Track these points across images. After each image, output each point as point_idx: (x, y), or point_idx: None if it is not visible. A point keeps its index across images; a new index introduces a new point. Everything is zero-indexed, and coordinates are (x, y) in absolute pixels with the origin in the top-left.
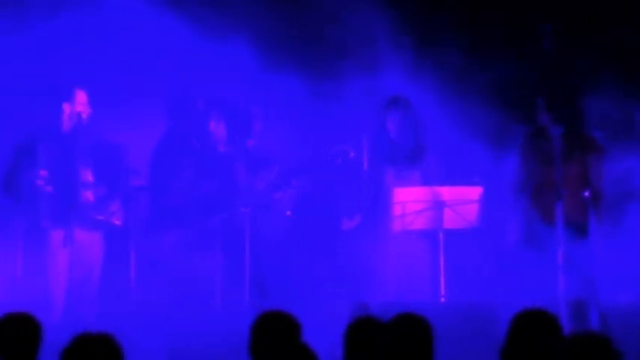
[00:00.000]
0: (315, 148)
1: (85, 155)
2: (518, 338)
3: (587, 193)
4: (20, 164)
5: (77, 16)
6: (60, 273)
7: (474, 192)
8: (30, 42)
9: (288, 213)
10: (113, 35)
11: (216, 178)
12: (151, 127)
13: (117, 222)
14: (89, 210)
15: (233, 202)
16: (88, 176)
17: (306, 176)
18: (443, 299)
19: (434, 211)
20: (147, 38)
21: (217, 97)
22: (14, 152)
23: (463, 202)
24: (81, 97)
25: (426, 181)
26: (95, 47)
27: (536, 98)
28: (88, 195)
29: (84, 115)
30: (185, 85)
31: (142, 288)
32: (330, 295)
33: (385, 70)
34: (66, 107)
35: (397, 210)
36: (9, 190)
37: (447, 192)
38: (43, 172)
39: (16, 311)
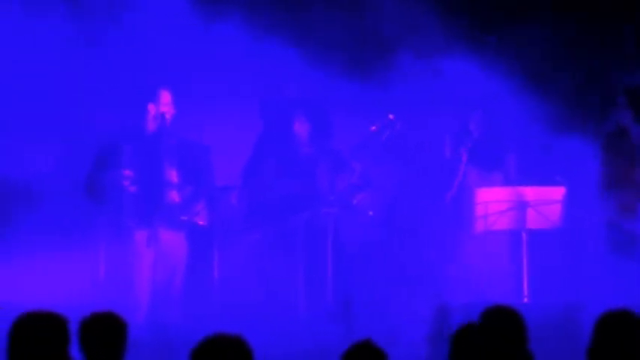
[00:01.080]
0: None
1: (169, 155)
2: (604, 339)
3: None
4: (105, 165)
5: (161, 18)
6: (144, 273)
7: (557, 192)
8: (115, 42)
9: (371, 213)
10: (196, 36)
11: (299, 178)
12: (236, 127)
13: (201, 222)
14: (175, 210)
15: (315, 203)
16: (173, 176)
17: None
18: (526, 300)
19: (517, 211)
20: (226, 40)
21: (300, 98)
22: (99, 153)
23: (546, 202)
24: (165, 98)
25: (509, 181)
26: (179, 48)
27: (618, 96)
28: (174, 195)
29: (167, 116)
30: (269, 85)
31: (224, 288)
32: (412, 296)
33: (465, 66)
34: (151, 108)
35: (480, 210)
36: (93, 190)
37: (530, 192)
38: (127, 172)
39: (101, 310)
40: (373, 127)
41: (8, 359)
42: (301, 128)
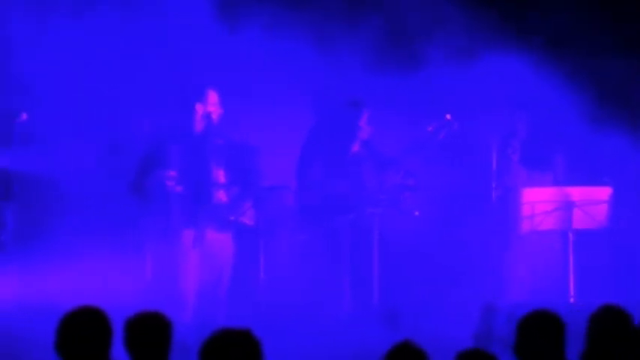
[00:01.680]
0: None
1: (217, 155)
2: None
3: None
4: (152, 165)
5: (209, 17)
6: (190, 273)
7: (604, 192)
8: (162, 41)
9: (417, 213)
10: (241, 37)
11: (347, 178)
12: (284, 127)
13: (248, 222)
14: (222, 210)
15: (362, 203)
16: (221, 177)
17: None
18: (572, 300)
19: (563, 211)
20: (269, 40)
21: (348, 98)
22: (146, 153)
23: (593, 202)
24: (212, 98)
25: (557, 181)
26: (226, 48)
27: None
28: (221, 195)
29: (214, 116)
30: (319, 85)
31: (270, 288)
32: (458, 295)
33: (511, 66)
34: (199, 108)
35: (526, 210)
36: (140, 190)
37: (576, 192)
38: (172, 173)
39: (147, 310)
40: (430, 127)
41: (57, 355)
42: (365, 127)
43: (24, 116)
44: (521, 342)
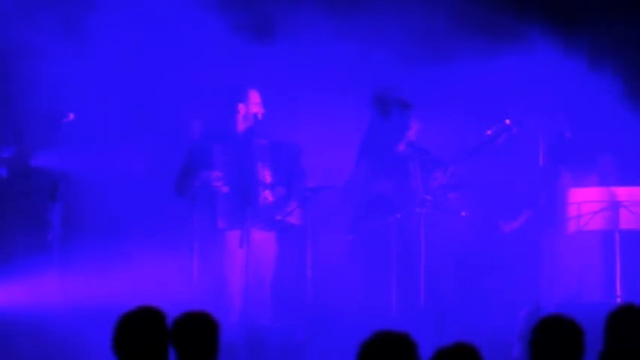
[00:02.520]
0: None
1: (262, 155)
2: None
3: None
4: (194, 166)
5: (248, 21)
6: (236, 274)
7: None
8: (205, 42)
9: (464, 213)
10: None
11: (394, 178)
12: (330, 127)
13: (294, 222)
14: (268, 210)
15: (408, 203)
16: (267, 176)
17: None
18: (619, 300)
19: (610, 211)
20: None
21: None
22: (189, 154)
23: (639, 202)
24: (254, 97)
25: (603, 181)
26: (270, 48)
27: None
28: (267, 195)
29: (259, 116)
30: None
31: (317, 288)
32: (505, 296)
33: (558, 65)
34: (241, 108)
35: (573, 211)
36: (183, 191)
37: (623, 192)
38: (217, 173)
39: (194, 310)
40: (489, 131)
41: (115, 354)
42: (413, 128)
43: (71, 116)
44: (536, 349)
